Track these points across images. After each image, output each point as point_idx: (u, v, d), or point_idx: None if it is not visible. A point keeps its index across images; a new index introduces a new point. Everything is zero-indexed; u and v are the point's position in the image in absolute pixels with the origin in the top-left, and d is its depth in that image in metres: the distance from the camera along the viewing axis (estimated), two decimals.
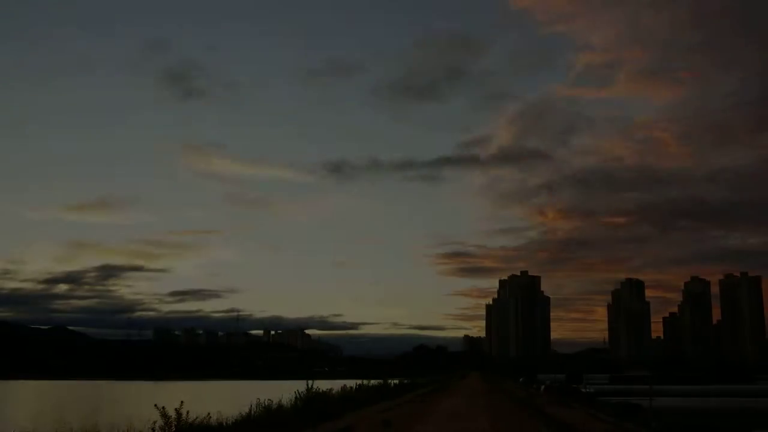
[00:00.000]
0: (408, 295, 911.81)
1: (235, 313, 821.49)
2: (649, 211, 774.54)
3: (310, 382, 58.38)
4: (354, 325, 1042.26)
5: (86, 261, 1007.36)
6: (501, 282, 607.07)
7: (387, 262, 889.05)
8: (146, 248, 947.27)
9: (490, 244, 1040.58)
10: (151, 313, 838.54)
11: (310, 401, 55.23)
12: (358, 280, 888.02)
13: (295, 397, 55.91)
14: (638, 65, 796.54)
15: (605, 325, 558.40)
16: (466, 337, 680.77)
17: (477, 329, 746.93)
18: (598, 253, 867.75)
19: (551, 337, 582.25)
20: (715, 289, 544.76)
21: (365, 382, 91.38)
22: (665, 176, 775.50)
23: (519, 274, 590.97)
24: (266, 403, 47.68)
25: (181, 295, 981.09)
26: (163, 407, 33.05)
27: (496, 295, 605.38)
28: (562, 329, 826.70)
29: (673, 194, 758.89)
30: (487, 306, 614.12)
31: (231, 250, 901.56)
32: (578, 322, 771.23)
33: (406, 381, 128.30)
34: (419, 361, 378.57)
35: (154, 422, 32.66)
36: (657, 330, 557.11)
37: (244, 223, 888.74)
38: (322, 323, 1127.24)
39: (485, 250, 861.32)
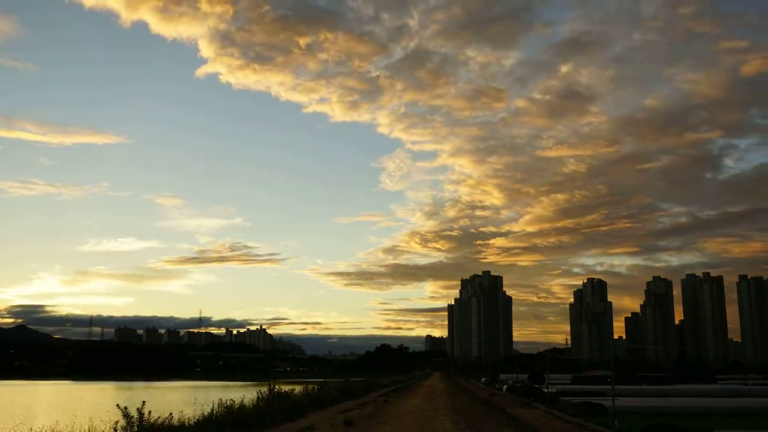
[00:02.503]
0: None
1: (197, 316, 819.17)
2: None
3: (272, 381, 58.46)
4: (315, 325, 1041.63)
5: None
6: (463, 282, 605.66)
7: None
8: None
9: None
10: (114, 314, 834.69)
11: (272, 401, 55.26)
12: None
13: (257, 397, 55.93)
14: None
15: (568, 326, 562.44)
16: (429, 337, 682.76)
17: (439, 329, 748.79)
18: None
19: (513, 337, 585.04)
20: (677, 290, 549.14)
21: (328, 381, 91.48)
22: None
23: (481, 273, 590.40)
24: (228, 403, 47.57)
25: None
26: (125, 408, 33.02)
27: (458, 295, 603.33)
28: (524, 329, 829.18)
29: None
30: (449, 306, 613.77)
31: None
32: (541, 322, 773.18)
33: (368, 381, 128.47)
34: (382, 361, 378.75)
35: (116, 422, 32.60)
36: (619, 330, 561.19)
37: None
38: (284, 323, 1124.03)
39: None
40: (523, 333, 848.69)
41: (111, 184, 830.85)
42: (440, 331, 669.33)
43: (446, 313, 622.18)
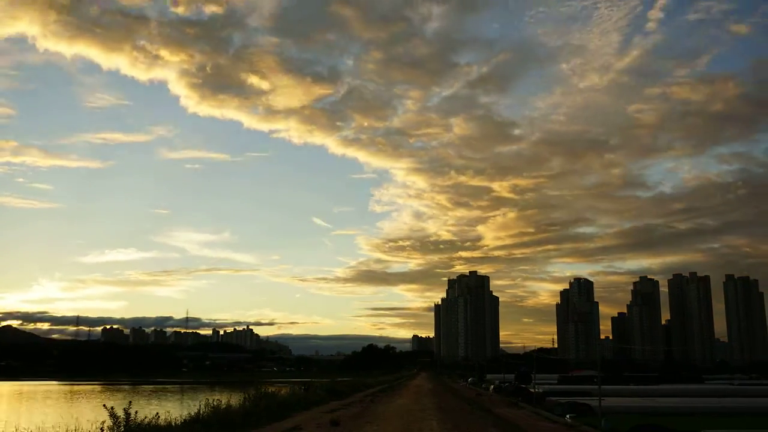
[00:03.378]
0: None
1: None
2: None
3: (258, 381, 58.48)
4: (302, 326, 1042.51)
5: None
6: (450, 282, 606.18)
7: None
8: None
9: None
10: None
11: (258, 401, 55.27)
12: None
13: (244, 398, 55.90)
14: None
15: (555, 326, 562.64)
16: (415, 337, 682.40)
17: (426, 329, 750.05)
18: None
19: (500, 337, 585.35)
20: (664, 290, 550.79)
21: (314, 381, 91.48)
22: None
23: (468, 274, 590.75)
24: (215, 404, 47.51)
25: None
26: (112, 407, 33.00)
27: (444, 295, 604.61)
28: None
29: None
30: (436, 306, 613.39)
31: None
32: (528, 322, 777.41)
33: (355, 381, 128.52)
34: (368, 362, 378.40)
35: (103, 422, 32.57)
36: (606, 330, 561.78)
37: None
38: (271, 322, 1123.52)
39: None
40: (509, 333, 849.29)
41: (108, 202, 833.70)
42: (427, 332, 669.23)
43: (432, 314, 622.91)
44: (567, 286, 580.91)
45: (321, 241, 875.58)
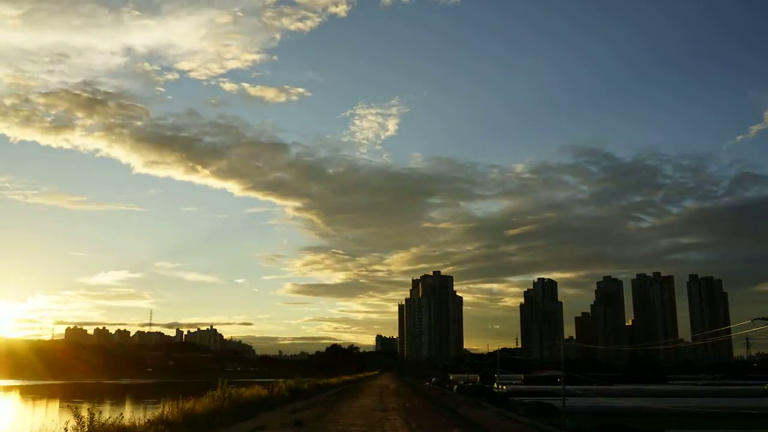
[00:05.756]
0: None
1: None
2: None
3: (223, 382, 58.45)
4: (264, 328, 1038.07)
5: None
6: (413, 282, 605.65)
7: None
8: None
9: None
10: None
11: (223, 401, 55.30)
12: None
13: (209, 398, 55.88)
14: None
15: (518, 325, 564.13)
16: (379, 337, 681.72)
17: (390, 329, 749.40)
18: None
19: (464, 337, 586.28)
20: (627, 290, 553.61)
21: (278, 382, 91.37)
22: None
23: (432, 274, 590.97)
24: (179, 404, 47.47)
25: None
26: (76, 407, 33.00)
27: (408, 295, 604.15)
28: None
29: None
30: (400, 306, 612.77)
31: None
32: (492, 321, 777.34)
33: (319, 381, 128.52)
34: (332, 362, 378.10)
35: (67, 422, 32.56)
36: (570, 330, 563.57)
37: None
38: (235, 323, 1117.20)
39: None
40: (474, 333, 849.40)
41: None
42: (391, 332, 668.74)
43: (396, 313, 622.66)
44: (531, 286, 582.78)
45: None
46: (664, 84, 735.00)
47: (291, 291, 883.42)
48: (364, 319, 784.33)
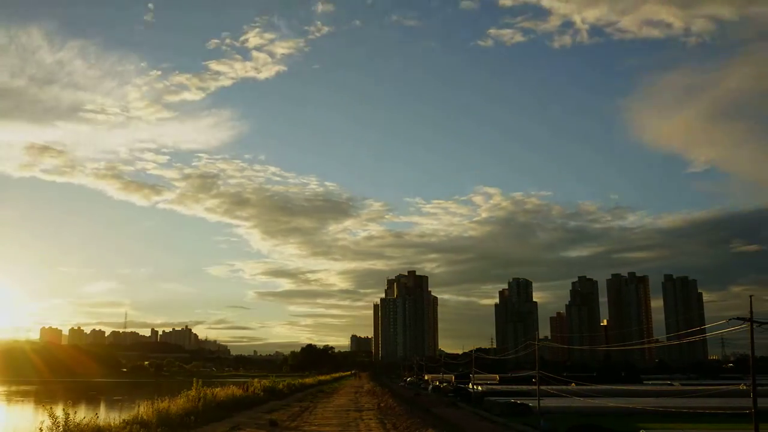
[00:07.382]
0: None
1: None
2: None
3: (198, 382, 58.45)
4: (241, 329, 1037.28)
5: None
6: (389, 282, 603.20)
7: None
8: None
9: None
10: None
11: (198, 401, 55.27)
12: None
13: (184, 398, 55.82)
14: None
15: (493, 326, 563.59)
16: (354, 337, 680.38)
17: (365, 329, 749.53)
18: None
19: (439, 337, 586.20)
20: (602, 290, 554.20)
21: (253, 382, 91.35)
22: None
23: (407, 274, 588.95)
24: (154, 404, 47.42)
25: None
26: (51, 407, 33.00)
27: (383, 295, 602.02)
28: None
29: None
30: (375, 306, 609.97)
31: None
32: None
33: (294, 381, 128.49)
34: (308, 362, 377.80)
35: (42, 422, 32.55)
36: (544, 330, 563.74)
37: None
38: (211, 322, 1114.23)
39: None
40: (449, 333, 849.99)
41: None
42: (366, 332, 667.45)
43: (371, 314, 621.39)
44: (506, 286, 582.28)
45: None
46: None
47: (265, 290, 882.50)
48: (339, 318, 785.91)
